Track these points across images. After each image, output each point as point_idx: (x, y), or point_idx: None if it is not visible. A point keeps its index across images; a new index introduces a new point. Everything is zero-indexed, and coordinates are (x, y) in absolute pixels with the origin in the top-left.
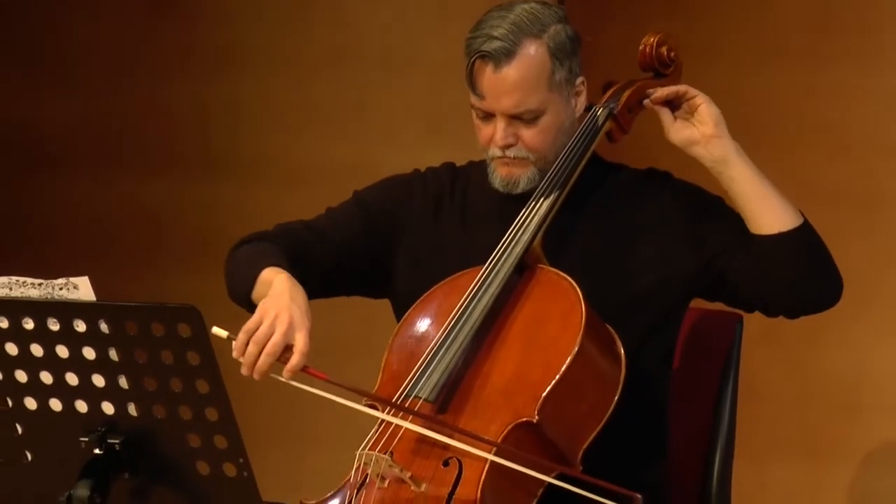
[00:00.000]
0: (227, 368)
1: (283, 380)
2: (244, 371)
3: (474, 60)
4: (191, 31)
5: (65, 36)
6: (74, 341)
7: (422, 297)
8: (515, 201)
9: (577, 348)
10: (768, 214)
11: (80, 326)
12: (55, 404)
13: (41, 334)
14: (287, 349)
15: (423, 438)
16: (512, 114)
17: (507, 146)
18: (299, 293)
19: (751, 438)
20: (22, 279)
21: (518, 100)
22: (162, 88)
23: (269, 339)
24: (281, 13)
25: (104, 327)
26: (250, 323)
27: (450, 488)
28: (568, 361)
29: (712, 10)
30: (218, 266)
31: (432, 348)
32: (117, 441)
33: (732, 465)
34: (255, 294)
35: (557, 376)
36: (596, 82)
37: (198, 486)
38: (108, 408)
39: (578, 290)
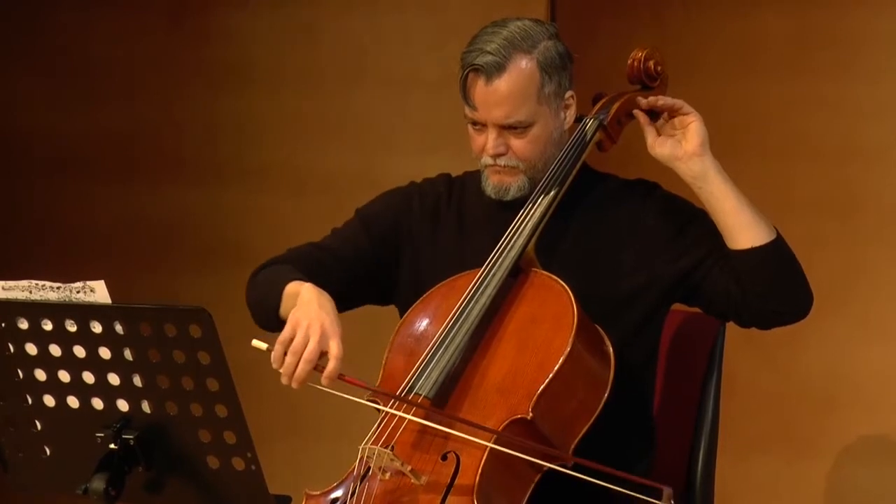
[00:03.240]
0: (235, 367)
1: (320, 388)
2: (284, 381)
3: (468, 73)
4: (202, 49)
5: (85, 52)
6: (91, 341)
7: (421, 298)
8: (509, 208)
9: (569, 348)
10: (743, 230)
11: (97, 327)
12: (73, 401)
13: (59, 335)
14: (322, 356)
15: (423, 434)
16: (502, 124)
17: (498, 155)
18: (327, 300)
19: (733, 434)
20: (41, 283)
21: (508, 111)
22: (174, 102)
23: (304, 349)
24: (287, 32)
25: (119, 328)
26: (284, 333)
27: (448, 480)
28: (560, 361)
29: (696, 24)
30: (227, 269)
31: (432, 347)
32: (132, 436)
33: (716, 459)
34: (283, 309)
35: (550, 375)
36: (585, 94)
37: (208, 479)
38: (122, 405)
39: (570, 292)
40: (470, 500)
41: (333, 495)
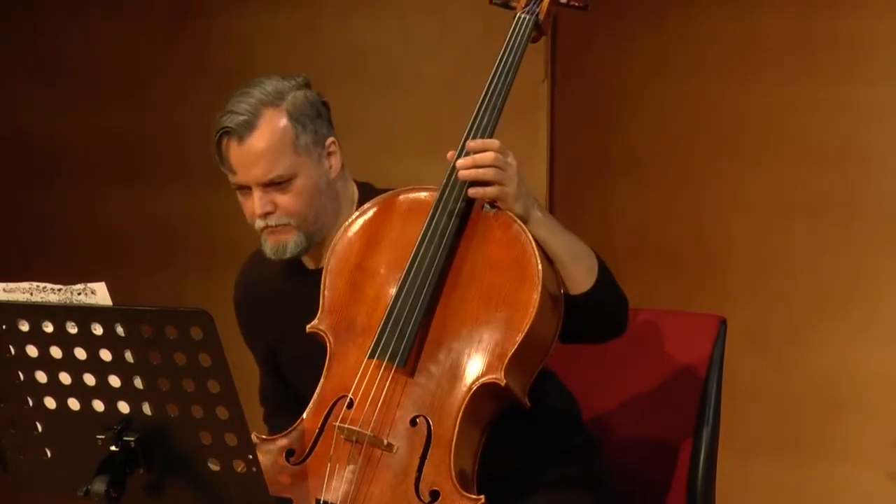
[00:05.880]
0: (236, 369)
1: None
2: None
3: (220, 137)
4: (203, 50)
5: (87, 55)
6: (92, 343)
7: (365, 219)
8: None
9: (537, 306)
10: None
11: (97, 329)
12: (73, 403)
13: (60, 337)
14: None
15: (393, 401)
16: (263, 182)
17: (266, 214)
18: None
19: (734, 436)
20: (42, 285)
21: (266, 167)
22: (175, 103)
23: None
24: (287, 35)
25: (120, 330)
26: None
27: (422, 448)
28: (530, 321)
29: (696, 24)
30: (228, 271)
31: (395, 303)
32: (132, 438)
33: (717, 461)
34: None
35: (521, 338)
36: (588, 90)
37: (209, 481)
38: (123, 407)
39: (528, 233)
40: (447, 464)
41: (290, 447)
